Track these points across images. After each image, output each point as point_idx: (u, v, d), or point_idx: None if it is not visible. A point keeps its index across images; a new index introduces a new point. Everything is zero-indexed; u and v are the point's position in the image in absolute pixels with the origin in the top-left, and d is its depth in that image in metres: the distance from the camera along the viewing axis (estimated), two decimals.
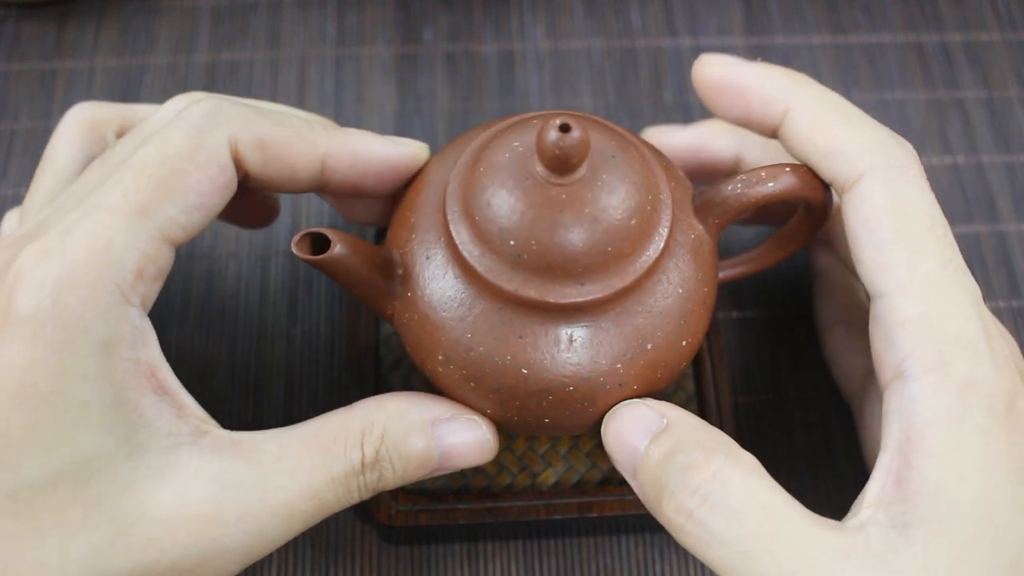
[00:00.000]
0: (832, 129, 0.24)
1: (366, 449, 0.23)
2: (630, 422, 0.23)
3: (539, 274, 0.22)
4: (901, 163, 0.23)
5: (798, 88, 0.25)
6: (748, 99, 0.25)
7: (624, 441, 0.23)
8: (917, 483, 0.21)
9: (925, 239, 0.22)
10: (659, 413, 0.23)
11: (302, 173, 0.25)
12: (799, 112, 0.24)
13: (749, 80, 0.25)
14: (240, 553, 0.22)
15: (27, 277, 0.21)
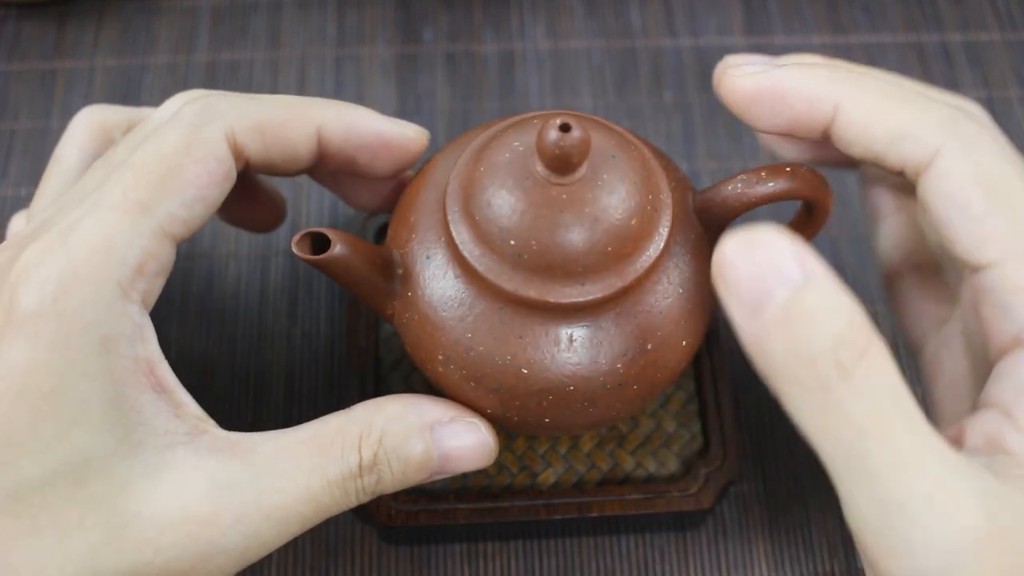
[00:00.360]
0: (891, 116, 0.23)
1: (364, 452, 0.23)
2: (765, 260, 0.20)
3: (539, 274, 0.22)
4: (973, 132, 0.22)
5: (844, 81, 0.23)
6: (791, 105, 0.24)
7: (753, 277, 0.20)
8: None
9: (1019, 199, 0.21)
10: (800, 259, 0.20)
11: (301, 149, 0.25)
12: (851, 107, 0.23)
13: (787, 84, 0.24)
14: (236, 555, 0.22)
15: (30, 276, 0.22)
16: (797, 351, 0.20)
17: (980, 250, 0.21)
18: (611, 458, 0.30)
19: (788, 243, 0.20)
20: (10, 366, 0.21)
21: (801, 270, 0.19)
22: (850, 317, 0.19)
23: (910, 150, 0.22)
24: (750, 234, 0.20)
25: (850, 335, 0.19)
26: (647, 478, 0.30)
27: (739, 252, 0.20)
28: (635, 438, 0.31)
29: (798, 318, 0.19)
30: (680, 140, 0.39)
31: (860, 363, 0.19)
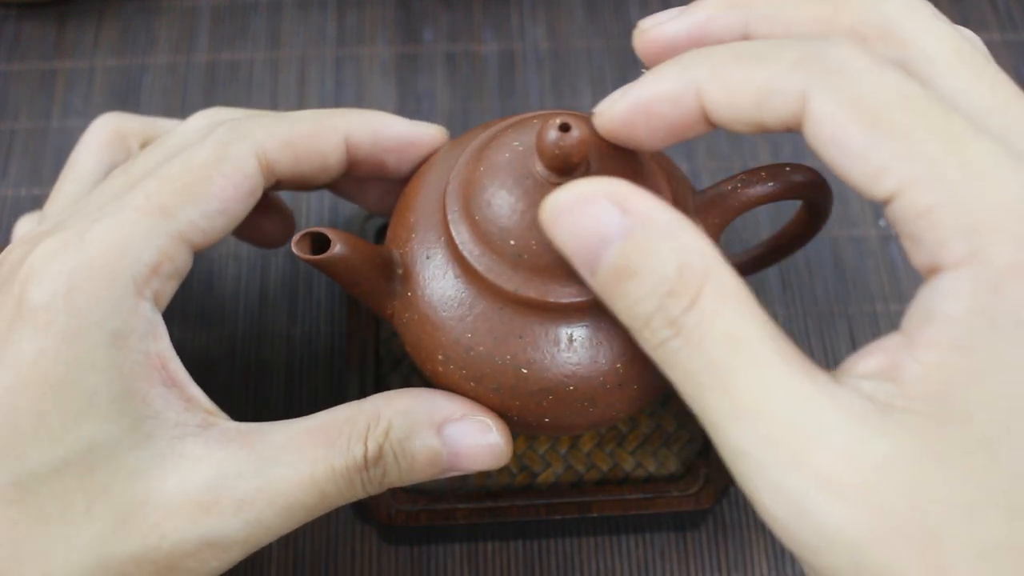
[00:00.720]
0: (748, 79, 0.20)
1: (369, 444, 0.23)
2: (583, 217, 0.19)
3: (539, 274, 0.22)
4: (840, 61, 0.19)
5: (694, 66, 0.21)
6: (659, 114, 0.21)
7: (576, 241, 0.20)
8: (917, 375, 0.18)
9: (907, 121, 0.18)
10: (620, 207, 0.19)
11: (331, 158, 0.26)
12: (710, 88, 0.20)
13: (646, 95, 0.21)
14: (239, 542, 0.22)
15: (43, 270, 0.22)
16: (630, 312, 0.20)
17: (877, 185, 0.19)
18: (611, 458, 0.30)
19: (607, 191, 0.19)
20: (19, 357, 0.21)
21: (622, 219, 0.19)
22: (678, 261, 0.19)
23: (779, 106, 0.19)
24: (569, 191, 0.20)
25: (677, 284, 0.19)
26: (647, 478, 0.30)
27: (562, 214, 0.20)
28: (635, 438, 0.31)
29: (624, 277, 0.19)
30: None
31: (689, 313, 0.19)
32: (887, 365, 0.18)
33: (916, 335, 0.18)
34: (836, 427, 0.18)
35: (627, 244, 0.19)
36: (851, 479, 0.17)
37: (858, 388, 0.18)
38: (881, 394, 0.18)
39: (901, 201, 0.18)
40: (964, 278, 0.17)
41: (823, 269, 0.36)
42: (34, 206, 0.37)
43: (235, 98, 0.39)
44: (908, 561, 0.17)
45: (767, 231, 0.36)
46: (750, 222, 0.37)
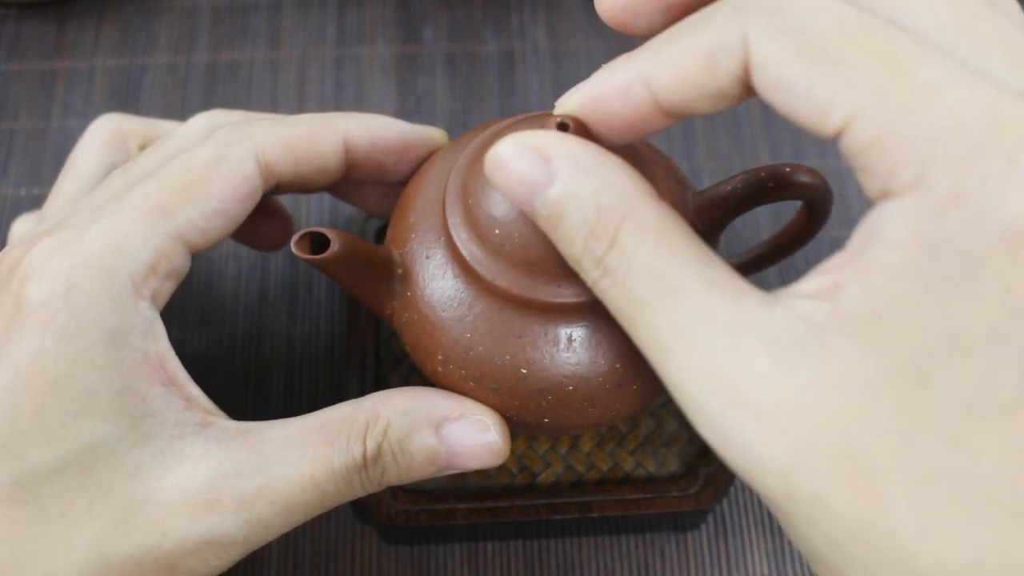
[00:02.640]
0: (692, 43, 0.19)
1: (368, 443, 0.23)
2: (515, 168, 0.20)
3: (539, 273, 0.22)
4: (771, 2, 0.18)
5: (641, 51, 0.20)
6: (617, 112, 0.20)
7: (515, 191, 0.20)
8: (854, 297, 0.17)
9: (849, 50, 0.17)
10: (544, 156, 0.20)
11: (331, 160, 0.26)
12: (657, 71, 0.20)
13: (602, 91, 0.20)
14: (239, 540, 0.22)
15: (40, 268, 0.22)
16: (566, 254, 0.20)
17: (824, 122, 0.18)
18: (611, 458, 0.30)
19: (534, 143, 0.20)
20: (18, 356, 0.22)
21: (546, 168, 0.20)
22: (596, 203, 0.19)
23: (727, 64, 0.18)
24: (502, 145, 0.20)
25: (598, 225, 0.19)
26: (647, 478, 0.30)
27: (497, 168, 0.20)
28: (635, 438, 0.31)
29: (555, 223, 0.20)
30: (680, 140, 0.39)
31: (610, 253, 0.19)
32: (826, 285, 0.18)
33: (857, 257, 0.17)
34: (759, 351, 0.17)
35: (553, 191, 0.20)
36: (774, 403, 0.17)
37: (793, 308, 0.18)
38: (817, 315, 0.17)
39: (849, 134, 0.17)
40: (907, 203, 0.17)
41: None
42: (34, 206, 0.37)
43: (235, 98, 0.39)
44: (837, 487, 0.17)
45: (767, 231, 0.36)
46: (750, 222, 0.37)
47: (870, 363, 0.17)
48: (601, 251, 0.19)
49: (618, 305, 0.19)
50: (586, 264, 0.20)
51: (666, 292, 0.18)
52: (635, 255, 0.19)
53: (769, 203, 0.25)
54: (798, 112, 0.18)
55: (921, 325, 0.17)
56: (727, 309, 0.18)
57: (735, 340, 0.18)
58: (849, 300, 0.17)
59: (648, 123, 0.21)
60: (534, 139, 0.20)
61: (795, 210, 0.28)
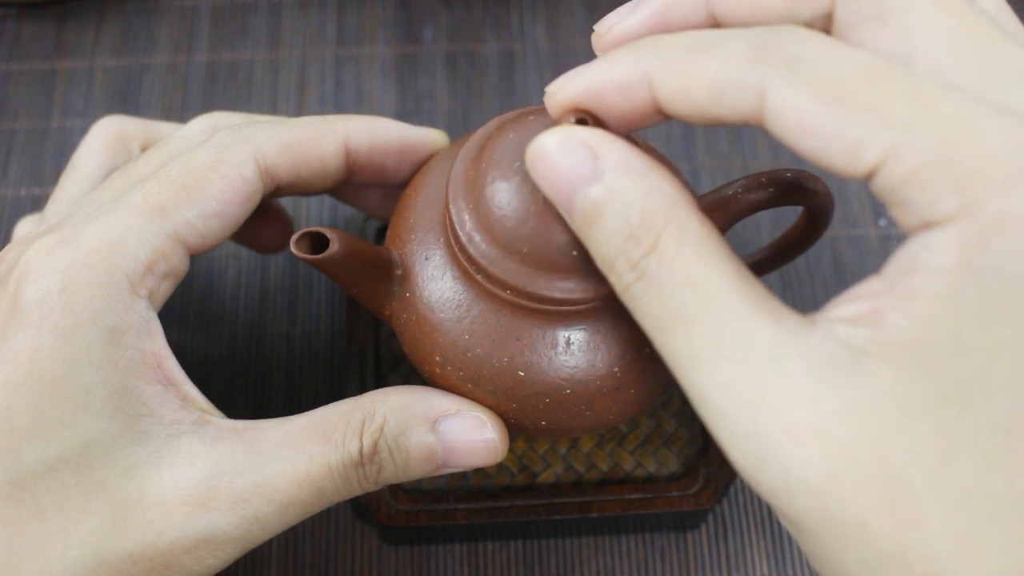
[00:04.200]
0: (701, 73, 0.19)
1: (364, 439, 0.23)
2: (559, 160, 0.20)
3: (538, 276, 0.22)
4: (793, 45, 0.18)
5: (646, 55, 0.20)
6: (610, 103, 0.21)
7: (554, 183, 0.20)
8: (897, 323, 0.17)
9: (875, 92, 0.18)
10: (593, 152, 0.20)
11: (330, 162, 0.26)
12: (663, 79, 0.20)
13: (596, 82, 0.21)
14: (236, 538, 0.22)
15: (37, 266, 0.22)
16: (599, 254, 0.20)
17: (857, 163, 0.18)
18: (611, 458, 0.30)
19: (584, 138, 0.20)
20: (14, 354, 0.22)
21: (594, 164, 0.19)
22: (641, 205, 0.19)
23: (735, 101, 0.19)
24: (550, 135, 0.20)
25: (639, 228, 0.19)
26: (647, 478, 0.30)
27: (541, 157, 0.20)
28: (635, 438, 0.31)
29: (593, 220, 0.19)
30: (680, 140, 0.39)
31: (650, 258, 0.19)
32: (866, 311, 0.18)
33: (898, 284, 0.17)
34: (799, 371, 0.17)
35: (597, 188, 0.19)
36: (813, 425, 0.17)
37: (832, 332, 0.18)
38: (856, 340, 0.17)
39: (885, 171, 0.17)
40: (952, 231, 0.17)
41: (823, 269, 0.36)
42: (34, 206, 0.37)
43: (235, 98, 0.39)
44: (874, 510, 0.17)
45: (768, 233, 0.36)
46: (750, 225, 0.37)
47: (911, 387, 0.17)
48: (639, 255, 0.19)
49: (650, 311, 0.19)
50: (620, 266, 0.19)
51: (705, 302, 0.18)
52: (676, 262, 0.19)
53: (770, 209, 0.24)
54: (823, 154, 0.18)
55: (963, 351, 0.17)
56: (766, 327, 0.18)
57: (775, 359, 0.18)
58: (891, 326, 0.17)
59: (644, 121, 0.21)
60: (583, 133, 0.20)
61: (796, 213, 0.28)
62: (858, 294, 0.18)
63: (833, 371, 0.17)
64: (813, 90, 0.18)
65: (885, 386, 0.17)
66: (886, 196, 0.18)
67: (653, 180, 0.19)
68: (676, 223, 0.19)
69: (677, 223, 0.19)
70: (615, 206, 0.19)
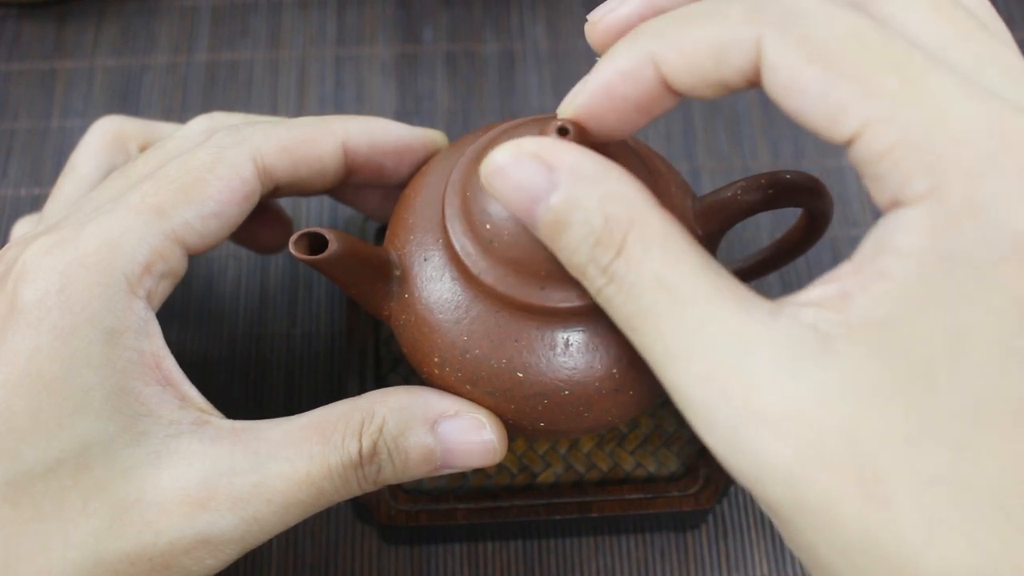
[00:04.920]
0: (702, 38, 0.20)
1: (364, 440, 0.23)
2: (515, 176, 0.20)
3: (536, 277, 0.22)
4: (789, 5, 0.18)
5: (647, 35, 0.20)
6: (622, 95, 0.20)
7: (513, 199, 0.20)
8: (864, 305, 0.17)
9: (864, 59, 0.18)
10: (546, 164, 0.19)
11: (329, 163, 0.26)
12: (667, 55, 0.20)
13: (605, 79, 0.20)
14: (235, 539, 0.22)
15: (34, 267, 0.22)
16: (569, 263, 0.20)
17: (837, 128, 0.18)
18: (611, 458, 0.30)
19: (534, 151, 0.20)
20: (13, 354, 0.22)
21: (549, 176, 0.19)
22: (604, 211, 0.19)
23: (736, 60, 0.19)
24: (500, 152, 0.20)
25: (604, 233, 0.19)
26: (647, 478, 0.30)
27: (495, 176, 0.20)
28: (635, 438, 0.31)
29: (558, 231, 0.20)
30: (680, 140, 0.39)
31: (617, 261, 0.19)
32: (833, 293, 0.18)
33: (866, 266, 0.18)
34: (768, 359, 0.17)
35: (556, 199, 0.19)
36: (782, 410, 0.17)
37: (798, 317, 0.18)
38: (824, 324, 0.17)
39: (863, 141, 0.18)
40: (920, 213, 0.17)
41: (823, 269, 0.36)
42: (34, 206, 0.37)
43: (235, 98, 0.39)
44: (845, 493, 0.17)
45: (768, 234, 0.36)
46: (750, 225, 0.37)
47: (878, 369, 0.17)
48: (608, 259, 0.19)
49: (623, 312, 0.19)
50: (591, 272, 0.20)
51: (673, 300, 0.19)
52: (642, 263, 0.19)
53: (770, 210, 0.24)
54: (810, 116, 0.18)
55: (930, 333, 0.17)
56: (734, 318, 0.18)
57: (743, 348, 0.18)
58: (857, 308, 0.17)
59: (657, 104, 0.21)
60: (533, 146, 0.20)
61: (796, 214, 0.27)
62: (828, 278, 0.18)
63: (801, 356, 0.17)
64: (804, 50, 0.18)
65: (853, 369, 0.17)
66: (861, 168, 0.18)
67: (609, 184, 0.19)
68: (639, 224, 0.19)
69: (640, 224, 0.19)
70: (577, 214, 0.19)
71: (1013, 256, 0.16)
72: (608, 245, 0.19)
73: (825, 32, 0.18)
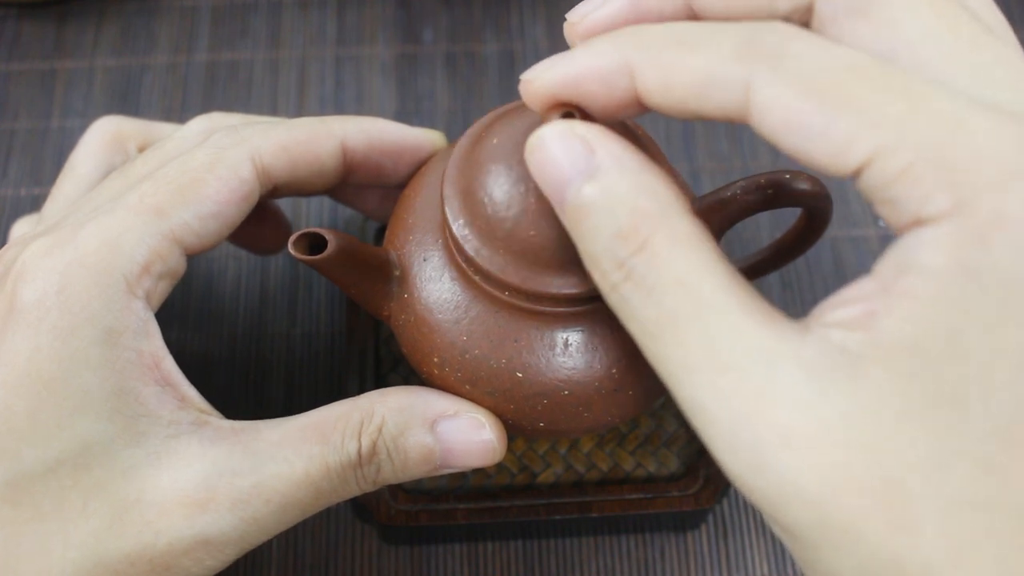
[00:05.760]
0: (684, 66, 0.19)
1: (363, 440, 0.23)
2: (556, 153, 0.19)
3: (536, 277, 0.22)
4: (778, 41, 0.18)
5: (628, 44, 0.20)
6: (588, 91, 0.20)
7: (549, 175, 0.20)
8: (892, 326, 0.17)
9: (863, 89, 0.17)
10: (589, 148, 0.19)
11: (328, 163, 0.26)
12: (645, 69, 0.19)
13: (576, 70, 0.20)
14: (234, 540, 0.22)
15: (33, 267, 0.22)
16: (585, 251, 0.20)
17: (844, 160, 0.17)
18: (611, 458, 0.30)
19: (582, 132, 0.19)
20: (12, 354, 0.22)
21: (589, 159, 0.19)
22: (633, 204, 0.18)
23: (720, 98, 0.18)
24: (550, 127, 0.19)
25: (629, 228, 0.18)
26: (647, 478, 0.30)
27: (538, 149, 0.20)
28: (635, 438, 0.31)
29: (583, 215, 0.19)
30: (680, 140, 0.39)
31: (638, 257, 0.18)
32: (859, 314, 0.17)
33: (892, 285, 0.17)
34: (794, 378, 0.17)
35: (590, 183, 0.19)
36: (809, 432, 0.17)
37: (826, 337, 0.17)
38: (851, 344, 0.17)
39: (874, 169, 0.17)
40: (946, 230, 0.16)
41: (823, 269, 0.36)
42: (34, 206, 0.37)
43: (235, 98, 0.39)
44: (871, 516, 0.16)
45: (768, 234, 0.36)
46: (750, 225, 0.37)
47: (907, 391, 0.16)
48: (626, 253, 0.18)
49: (639, 315, 0.19)
50: (605, 263, 0.19)
51: (698, 307, 0.18)
52: (666, 264, 0.18)
53: (769, 210, 0.24)
54: (809, 152, 0.18)
55: (960, 353, 0.16)
56: (762, 332, 0.18)
57: (770, 366, 0.17)
58: (886, 329, 0.17)
59: (623, 112, 0.20)
60: (583, 128, 0.19)
61: (796, 214, 0.27)
62: (851, 297, 0.18)
63: (829, 377, 0.17)
64: (799, 87, 0.17)
65: (881, 391, 0.17)
66: (874, 194, 0.18)
67: (647, 179, 0.19)
68: (668, 224, 0.18)
69: (669, 224, 0.19)
70: (606, 202, 0.19)
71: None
72: (630, 238, 0.18)
73: (819, 68, 0.18)
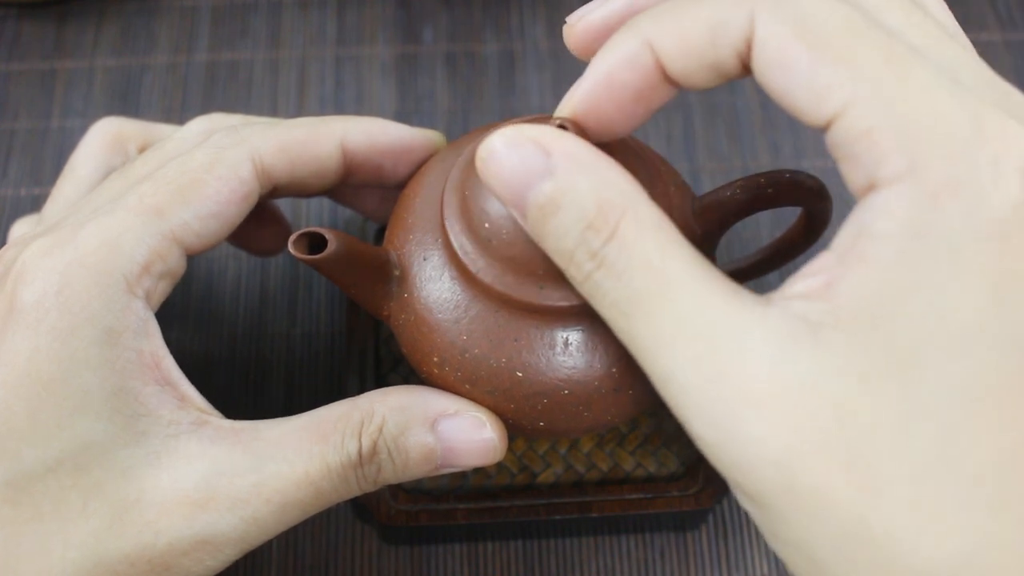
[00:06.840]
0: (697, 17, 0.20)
1: (363, 440, 0.23)
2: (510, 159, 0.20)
3: (536, 276, 0.22)
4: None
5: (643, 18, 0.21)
6: None
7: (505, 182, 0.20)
8: (849, 292, 0.17)
9: (852, 42, 0.18)
10: (543, 149, 0.20)
11: (327, 163, 0.26)
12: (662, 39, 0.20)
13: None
14: (234, 540, 0.22)
15: (33, 268, 0.22)
16: (556, 248, 0.20)
17: (820, 107, 0.18)
18: (611, 458, 0.30)
19: (533, 136, 0.20)
20: (12, 354, 0.22)
21: (546, 160, 0.20)
22: (597, 196, 0.19)
23: (730, 36, 0.19)
24: (499, 135, 0.20)
25: (596, 218, 0.19)
26: (647, 478, 0.30)
27: (491, 157, 0.20)
28: (635, 438, 0.31)
29: (548, 214, 0.20)
30: (680, 140, 0.39)
31: (609, 245, 0.19)
32: (818, 284, 0.18)
33: (848, 252, 0.18)
34: (759, 345, 0.18)
35: (550, 182, 0.19)
36: (774, 396, 0.17)
37: (788, 309, 0.18)
38: (813, 313, 0.18)
39: (843, 121, 0.18)
40: (899, 194, 0.17)
41: None
42: (34, 206, 0.37)
43: (235, 98, 0.39)
44: (835, 478, 0.17)
45: (768, 233, 0.36)
46: (750, 225, 0.37)
47: (867, 355, 0.17)
48: (599, 243, 0.19)
49: (611, 298, 0.19)
50: (579, 257, 0.20)
51: (666, 283, 0.19)
52: (635, 247, 0.19)
53: (769, 209, 0.24)
54: (793, 93, 0.18)
55: (915, 316, 0.17)
56: (727, 305, 0.18)
57: (736, 334, 0.18)
58: (843, 296, 0.17)
59: (655, 94, 0.21)
60: (531, 132, 0.20)
61: (796, 213, 0.27)
62: (812, 270, 0.18)
63: (793, 344, 0.17)
64: (795, 28, 0.18)
65: (842, 355, 0.17)
66: (838, 150, 0.18)
67: (604, 172, 0.20)
68: (632, 211, 0.19)
69: (633, 211, 0.19)
70: (572, 198, 0.19)
71: (992, 232, 0.17)
72: (600, 229, 0.19)
73: (816, 14, 0.18)
